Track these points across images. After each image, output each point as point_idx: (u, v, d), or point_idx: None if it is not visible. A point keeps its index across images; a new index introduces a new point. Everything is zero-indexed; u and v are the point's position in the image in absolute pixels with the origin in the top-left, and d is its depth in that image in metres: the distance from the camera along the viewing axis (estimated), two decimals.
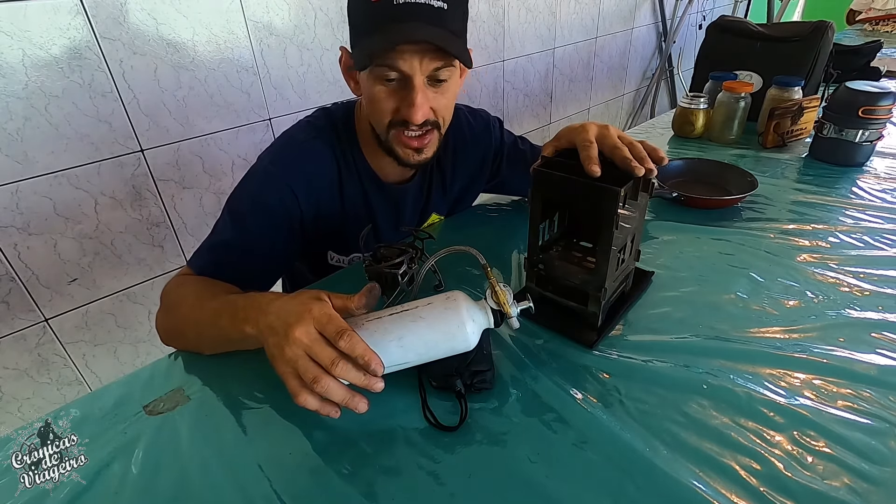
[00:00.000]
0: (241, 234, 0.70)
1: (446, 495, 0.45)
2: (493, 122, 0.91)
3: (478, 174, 0.91)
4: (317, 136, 0.74)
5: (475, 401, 0.54)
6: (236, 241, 0.70)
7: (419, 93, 0.63)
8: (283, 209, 0.71)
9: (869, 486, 0.44)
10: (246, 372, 0.60)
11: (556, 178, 0.56)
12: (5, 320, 1.15)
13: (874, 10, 2.54)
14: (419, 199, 0.86)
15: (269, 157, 0.73)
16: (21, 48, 0.99)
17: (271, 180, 0.71)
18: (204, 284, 0.67)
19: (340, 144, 0.75)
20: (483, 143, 0.88)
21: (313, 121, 0.77)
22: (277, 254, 0.73)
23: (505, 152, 0.92)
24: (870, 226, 0.84)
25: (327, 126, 0.76)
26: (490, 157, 0.90)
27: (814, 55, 1.26)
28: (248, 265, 0.71)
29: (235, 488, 0.47)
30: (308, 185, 0.72)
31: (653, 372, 0.57)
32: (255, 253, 0.71)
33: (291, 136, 0.75)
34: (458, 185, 0.90)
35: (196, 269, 0.69)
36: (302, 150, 0.73)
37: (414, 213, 0.87)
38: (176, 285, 0.68)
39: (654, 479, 0.45)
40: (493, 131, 0.90)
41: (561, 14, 2.27)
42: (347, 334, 0.45)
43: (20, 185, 1.07)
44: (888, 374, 0.55)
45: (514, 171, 0.94)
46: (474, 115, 0.89)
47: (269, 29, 1.33)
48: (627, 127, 3.09)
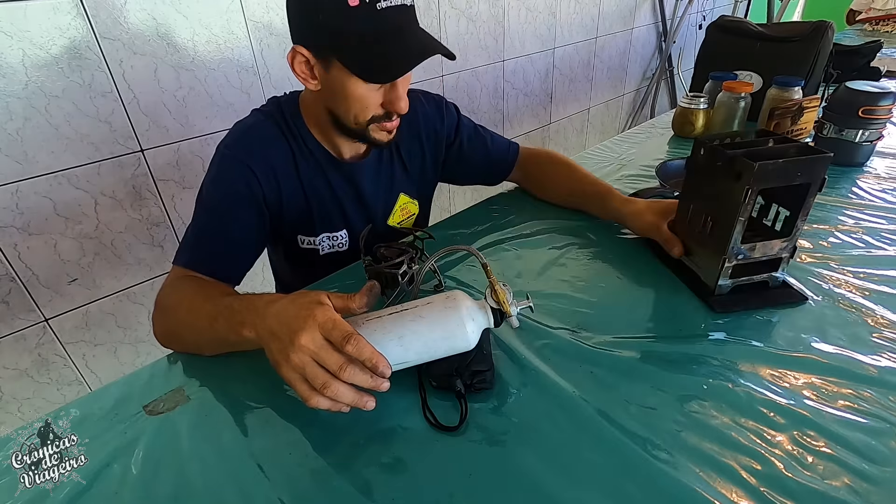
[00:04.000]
0: (214, 220, 0.72)
1: (446, 495, 0.45)
2: (447, 104, 0.92)
3: (434, 153, 0.91)
4: (266, 119, 0.76)
5: (475, 401, 0.54)
6: (212, 228, 0.72)
7: (407, 86, 0.69)
8: (246, 188, 0.72)
9: (869, 486, 0.44)
10: (246, 372, 0.60)
11: (776, 166, 0.58)
12: (5, 320, 1.15)
13: (874, 10, 2.54)
14: (379, 176, 0.86)
15: (224, 144, 0.74)
16: (21, 48, 0.99)
17: (230, 163, 0.73)
18: (197, 286, 0.67)
19: (289, 127, 0.77)
20: (435, 122, 0.89)
21: (261, 108, 0.79)
22: (252, 233, 0.75)
23: (463, 133, 0.92)
24: (870, 226, 0.84)
25: (274, 111, 0.77)
26: (444, 135, 0.90)
27: (814, 55, 1.26)
28: (227, 249, 0.72)
29: (235, 488, 0.47)
30: (264, 163, 0.74)
31: (653, 371, 0.57)
32: (231, 235, 0.72)
33: (242, 122, 0.77)
34: (416, 163, 0.90)
35: (181, 264, 0.69)
36: (253, 133, 0.75)
37: (377, 191, 0.86)
38: (170, 289, 0.68)
39: (655, 479, 0.45)
40: (447, 111, 0.91)
41: (561, 14, 2.27)
42: (354, 338, 0.46)
43: (20, 185, 1.07)
44: (888, 374, 0.55)
45: (475, 151, 0.94)
46: (427, 98, 0.90)
47: (269, 29, 1.33)
48: (627, 127, 3.09)
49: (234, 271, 0.73)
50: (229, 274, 0.73)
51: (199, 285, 0.67)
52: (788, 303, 0.66)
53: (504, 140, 0.98)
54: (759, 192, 0.60)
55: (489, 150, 0.95)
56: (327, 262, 0.85)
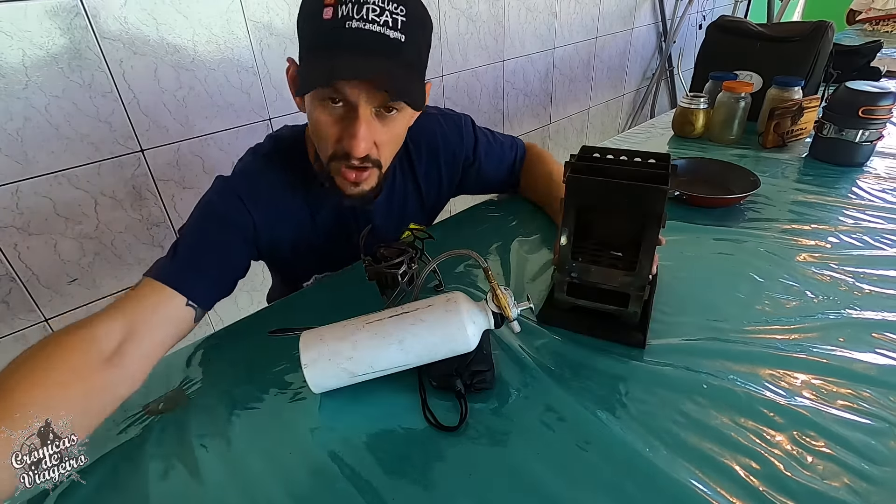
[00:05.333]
0: (197, 239, 0.66)
1: (446, 495, 0.45)
2: (465, 123, 0.88)
3: (451, 175, 0.88)
4: (268, 164, 0.72)
5: (475, 401, 0.54)
6: (193, 246, 0.65)
7: (363, 124, 0.60)
8: (234, 216, 0.68)
9: (869, 486, 0.44)
10: (246, 372, 0.60)
11: (593, 183, 0.55)
12: (5, 320, 1.15)
13: (874, 10, 2.54)
14: (392, 211, 0.83)
15: (223, 178, 0.71)
16: (21, 48, 0.99)
17: (223, 193, 0.69)
18: (58, 363, 0.49)
19: (292, 167, 0.72)
20: (454, 145, 0.85)
21: (258, 149, 0.74)
22: (232, 259, 0.68)
23: (481, 151, 0.89)
24: (870, 226, 0.84)
25: (273, 150, 0.73)
26: (462, 157, 0.87)
27: (814, 55, 1.26)
28: (205, 267, 0.64)
29: (236, 488, 0.47)
30: (262, 206, 0.69)
31: (653, 372, 0.57)
32: (211, 256, 0.65)
33: (245, 163, 0.73)
34: (433, 191, 0.87)
35: (154, 274, 0.61)
36: (256, 176, 0.71)
37: (390, 224, 0.84)
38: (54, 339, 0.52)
39: (654, 479, 0.45)
40: (465, 132, 0.87)
41: (561, 14, 2.26)
42: None
43: (20, 185, 1.07)
44: (888, 374, 0.55)
45: (490, 167, 0.92)
46: (446, 119, 0.86)
47: (269, 29, 1.33)
48: (627, 127, 3.09)
49: (206, 297, 0.63)
50: (207, 296, 0.64)
51: (59, 365, 0.49)
52: (620, 341, 0.61)
53: (512, 146, 0.95)
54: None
55: (502, 163, 0.94)
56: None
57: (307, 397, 0.56)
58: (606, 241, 0.64)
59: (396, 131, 0.66)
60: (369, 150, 0.62)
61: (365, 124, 0.60)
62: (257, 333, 0.66)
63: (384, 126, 0.63)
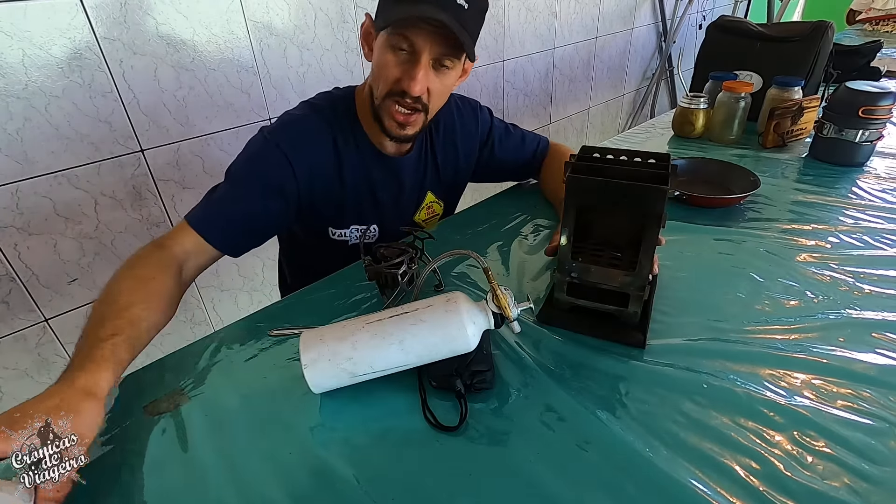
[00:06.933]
0: (234, 193, 0.74)
1: (446, 495, 0.45)
2: (481, 107, 0.96)
3: (468, 155, 0.95)
4: (314, 112, 0.79)
5: (475, 401, 0.54)
6: (231, 199, 0.73)
7: (422, 69, 0.69)
8: (278, 178, 0.75)
9: (869, 486, 0.44)
10: (246, 372, 0.60)
11: (593, 183, 0.55)
12: (5, 320, 1.15)
13: (874, 10, 2.54)
14: (418, 171, 0.90)
15: (268, 129, 0.77)
16: (21, 48, 0.99)
17: (270, 149, 0.75)
18: (140, 285, 0.62)
19: (338, 120, 0.79)
20: (470, 125, 0.93)
21: (312, 100, 0.82)
22: (267, 217, 0.76)
23: (495, 135, 0.96)
24: (870, 226, 0.84)
25: (326, 105, 0.80)
26: (478, 139, 0.95)
27: (814, 55, 1.26)
28: (240, 224, 0.74)
29: (236, 488, 0.47)
30: (304, 158, 0.76)
31: (653, 372, 0.57)
32: (248, 211, 0.74)
33: (289, 114, 0.80)
34: (450, 166, 0.93)
35: (191, 222, 0.71)
36: (299, 126, 0.78)
37: (413, 187, 0.90)
38: (138, 259, 0.66)
39: (654, 479, 0.45)
40: (481, 114, 0.95)
41: (561, 14, 2.26)
42: None
43: (20, 185, 1.07)
44: (888, 374, 0.55)
45: (506, 153, 0.98)
46: (464, 101, 0.95)
47: (269, 29, 1.33)
48: (627, 127, 3.09)
49: (237, 247, 0.75)
50: (232, 245, 0.74)
51: (124, 287, 0.61)
52: (620, 341, 0.61)
53: (534, 138, 1.02)
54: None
55: (520, 149, 1.00)
56: (353, 252, 0.86)
57: (307, 397, 0.56)
58: (606, 241, 0.64)
59: (447, 83, 0.75)
60: (422, 92, 0.72)
61: (424, 70, 0.70)
62: (257, 333, 0.66)
63: (437, 76, 0.73)
